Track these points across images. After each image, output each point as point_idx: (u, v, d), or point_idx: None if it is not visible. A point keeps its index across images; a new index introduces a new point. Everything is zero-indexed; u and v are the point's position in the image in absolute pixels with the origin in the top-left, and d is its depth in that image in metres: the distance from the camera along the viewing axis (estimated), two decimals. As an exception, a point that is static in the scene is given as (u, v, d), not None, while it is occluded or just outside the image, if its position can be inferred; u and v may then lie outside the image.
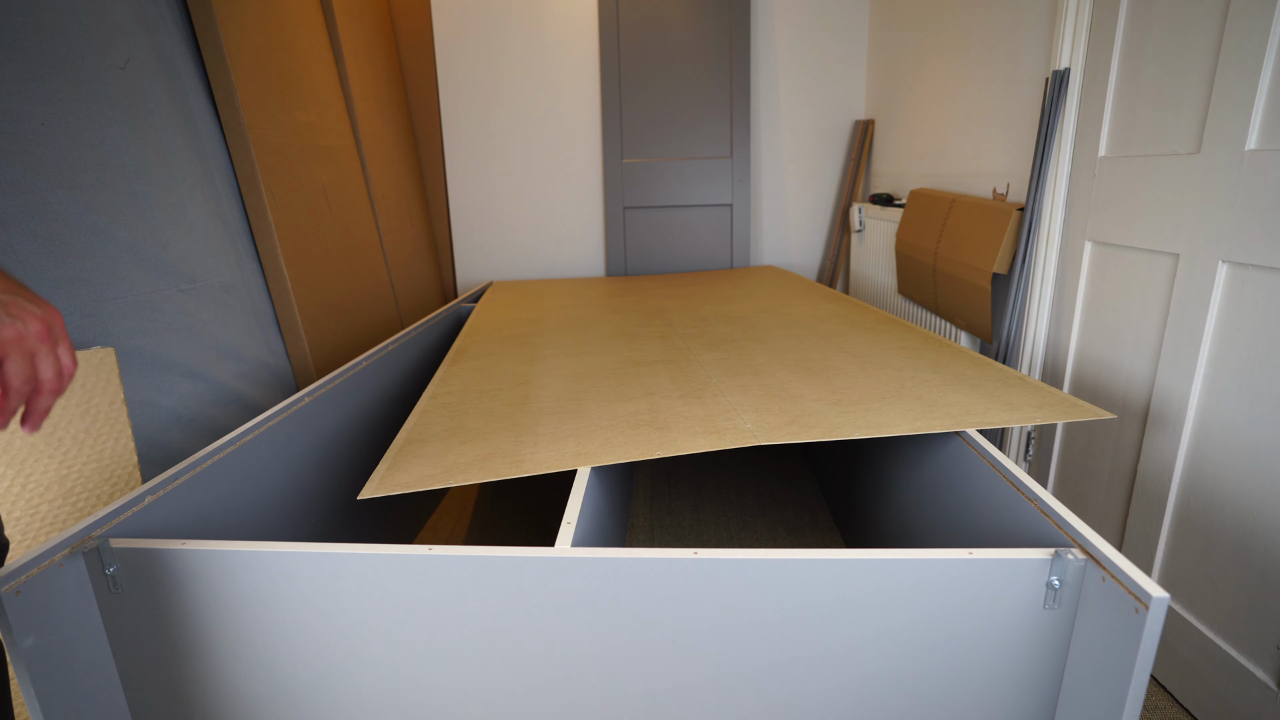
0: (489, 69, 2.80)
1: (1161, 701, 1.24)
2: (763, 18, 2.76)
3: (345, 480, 1.32)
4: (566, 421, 1.11)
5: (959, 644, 0.72)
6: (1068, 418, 0.96)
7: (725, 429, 0.99)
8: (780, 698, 0.75)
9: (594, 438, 1.03)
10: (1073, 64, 1.50)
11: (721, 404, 1.10)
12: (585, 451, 0.97)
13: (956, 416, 0.98)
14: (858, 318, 1.67)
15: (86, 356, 0.82)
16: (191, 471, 0.95)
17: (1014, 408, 1.01)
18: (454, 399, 1.31)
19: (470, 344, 1.72)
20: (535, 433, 1.07)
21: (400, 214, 2.68)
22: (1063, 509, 0.76)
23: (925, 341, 1.40)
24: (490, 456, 1.00)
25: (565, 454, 0.97)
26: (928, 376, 1.17)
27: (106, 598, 0.77)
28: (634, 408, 1.13)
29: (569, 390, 1.27)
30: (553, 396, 1.24)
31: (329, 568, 0.74)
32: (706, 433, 0.98)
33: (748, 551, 0.70)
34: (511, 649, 0.75)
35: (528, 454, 0.99)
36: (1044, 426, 1.65)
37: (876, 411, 1.01)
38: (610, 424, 1.07)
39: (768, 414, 1.04)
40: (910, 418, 0.98)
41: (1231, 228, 1.10)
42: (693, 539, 1.76)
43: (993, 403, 1.03)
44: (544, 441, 1.03)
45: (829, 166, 2.91)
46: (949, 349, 1.33)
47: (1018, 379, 1.14)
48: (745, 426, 0.99)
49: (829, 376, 1.19)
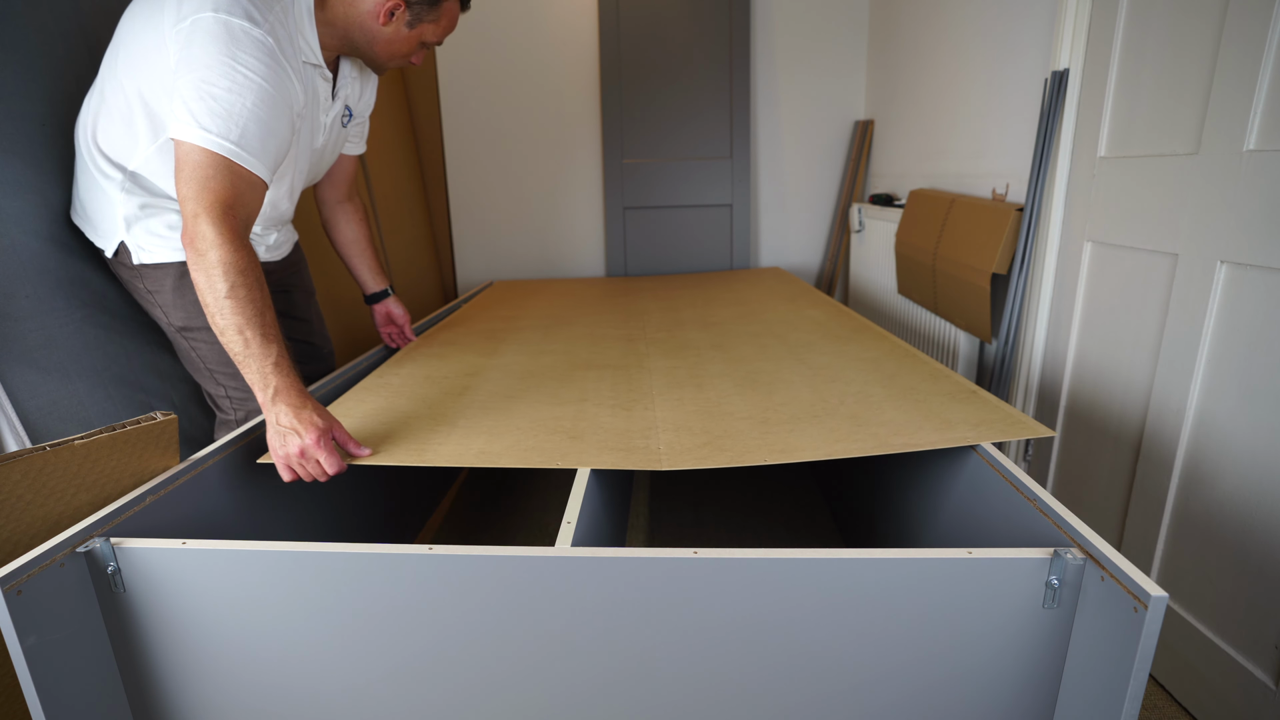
0: (489, 69, 2.80)
1: (1160, 701, 1.24)
2: (763, 18, 2.76)
3: (345, 479, 1.32)
4: (489, 418, 1.11)
5: (958, 643, 0.72)
6: (1004, 436, 0.94)
7: (636, 448, 0.98)
8: (780, 697, 0.75)
9: (505, 438, 1.03)
10: (1072, 64, 1.50)
11: (647, 418, 1.09)
12: (489, 451, 0.98)
13: (882, 439, 0.95)
14: (834, 326, 1.65)
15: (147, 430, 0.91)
16: (191, 472, 0.95)
17: (949, 426, 0.98)
18: (398, 381, 1.33)
19: (440, 334, 1.73)
20: (454, 424, 1.09)
21: (400, 214, 2.69)
22: (1062, 508, 0.76)
23: (891, 352, 1.37)
24: (400, 441, 1.02)
25: (469, 451, 0.98)
26: (874, 391, 1.14)
27: (107, 597, 0.77)
28: (561, 412, 1.13)
29: (509, 388, 1.27)
30: (490, 392, 1.24)
31: (329, 567, 0.74)
32: (615, 449, 0.97)
33: (748, 551, 0.70)
34: (512, 648, 0.75)
35: (436, 445, 1.01)
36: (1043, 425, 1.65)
37: (799, 433, 0.99)
38: (529, 426, 1.07)
39: (686, 434, 1.02)
40: (829, 441, 0.95)
41: (1231, 228, 1.10)
42: (693, 538, 1.76)
43: (929, 421, 1.00)
44: (457, 434, 1.05)
45: (829, 166, 2.91)
46: (912, 360, 1.30)
47: (968, 393, 1.11)
48: (656, 447, 0.98)
49: (772, 391, 1.18)
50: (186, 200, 0.93)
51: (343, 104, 1.26)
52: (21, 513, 0.81)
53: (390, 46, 1.16)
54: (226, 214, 0.93)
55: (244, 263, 0.92)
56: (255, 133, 0.97)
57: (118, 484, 0.89)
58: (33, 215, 1.14)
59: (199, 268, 0.91)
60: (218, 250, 0.90)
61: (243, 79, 0.95)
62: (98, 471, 0.86)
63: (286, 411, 0.91)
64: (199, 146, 0.93)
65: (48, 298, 1.15)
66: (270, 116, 0.99)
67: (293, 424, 0.91)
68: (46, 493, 0.82)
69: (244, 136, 0.95)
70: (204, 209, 0.92)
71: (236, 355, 0.92)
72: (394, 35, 1.14)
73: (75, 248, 1.20)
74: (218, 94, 0.94)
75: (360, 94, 1.32)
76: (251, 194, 0.99)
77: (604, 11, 2.69)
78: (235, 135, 0.95)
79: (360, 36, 1.14)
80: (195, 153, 0.93)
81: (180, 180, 0.94)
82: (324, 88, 1.17)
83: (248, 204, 0.98)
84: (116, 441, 0.87)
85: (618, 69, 2.72)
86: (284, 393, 0.92)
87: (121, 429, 0.88)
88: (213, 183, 0.93)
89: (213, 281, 0.90)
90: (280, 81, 1.00)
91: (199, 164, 0.93)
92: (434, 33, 1.17)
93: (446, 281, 3.07)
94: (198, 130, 0.93)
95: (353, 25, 1.12)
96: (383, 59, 1.19)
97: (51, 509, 0.84)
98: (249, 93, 0.95)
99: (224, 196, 0.93)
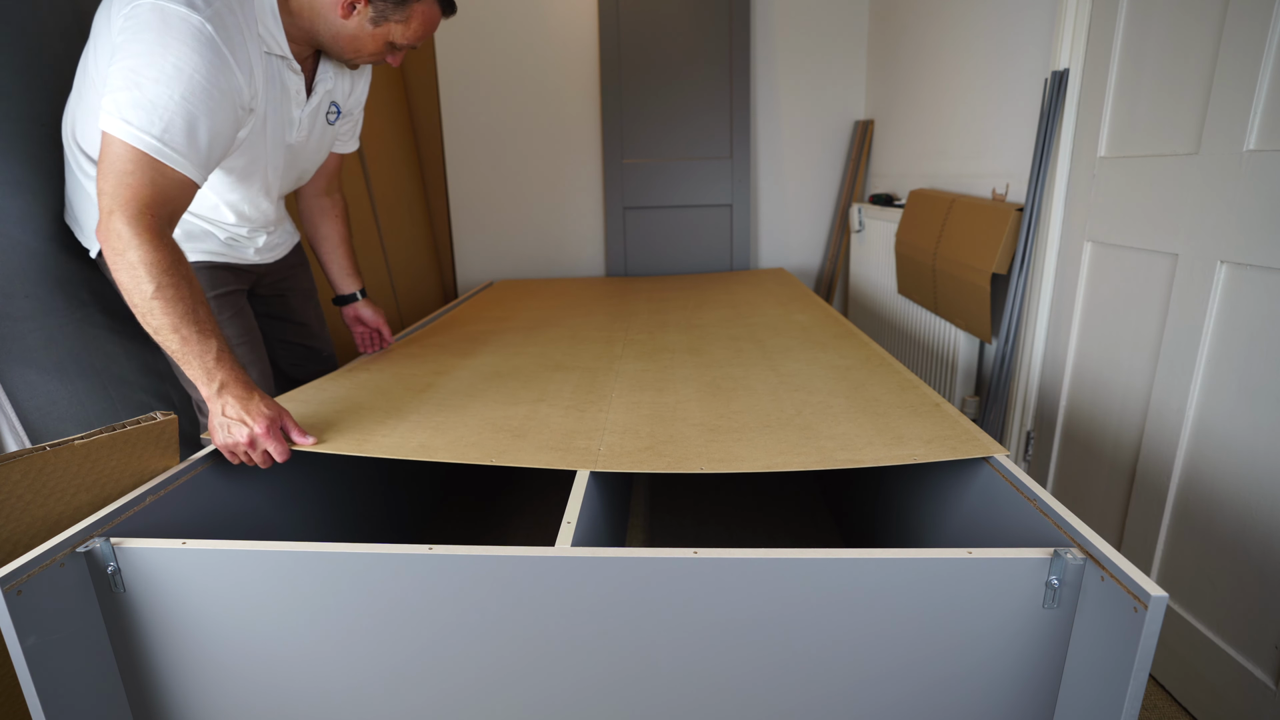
0: (489, 68, 2.80)
1: (1160, 701, 1.24)
2: (762, 18, 2.76)
3: (345, 479, 1.32)
4: (440, 414, 1.12)
5: (958, 643, 0.72)
6: (953, 455, 0.92)
7: (575, 448, 0.98)
8: (780, 697, 0.75)
9: (449, 434, 1.04)
10: (1072, 64, 1.50)
11: (597, 420, 1.09)
12: (430, 446, 0.99)
13: (827, 453, 0.93)
14: (818, 331, 1.63)
15: (148, 429, 0.92)
16: (191, 472, 0.95)
17: (899, 442, 0.96)
18: (366, 375, 1.34)
19: (426, 337, 1.74)
20: (405, 419, 1.10)
21: (400, 214, 2.69)
22: (1062, 508, 0.76)
23: (865, 361, 1.36)
24: (345, 430, 1.04)
25: (410, 444, 1.00)
26: (836, 402, 1.13)
27: (107, 597, 0.77)
28: (514, 412, 1.13)
29: (473, 386, 1.27)
30: (453, 390, 1.25)
31: (329, 567, 0.74)
32: (553, 449, 0.97)
33: (748, 551, 0.70)
34: (511, 648, 0.75)
35: (380, 437, 1.02)
36: (1043, 425, 1.66)
37: (745, 443, 0.98)
38: (477, 424, 1.08)
39: (631, 437, 1.02)
40: (773, 453, 0.94)
41: (1230, 228, 1.10)
42: (693, 538, 1.76)
43: (880, 435, 0.99)
44: (404, 428, 1.06)
45: (829, 167, 2.91)
46: (884, 370, 1.29)
47: (931, 406, 1.09)
48: (595, 449, 0.98)
49: (732, 398, 1.17)
50: (103, 194, 0.89)
51: (325, 99, 1.22)
52: (21, 513, 0.81)
53: (355, 43, 1.11)
54: (144, 212, 0.89)
55: (166, 261, 0.89)
56: (180, 127, 0.91)
57: (118, 484, 0.89)
58: (32, 215, 1.14)
59: (120, 267, 0.88)
60: (136, 250, 0.87)
61: (172, 69, 0.89)
62: (98, 471, 0.86)
63: (234, 404, 0.92)
64: (119, 139, 0.89)
65: (47, 298, 1.15)
66: (202, 111, 0.93)
67: (240, 415, 0.91)
68: (46, 493, 0.82)
69: (167, 131, 0.90)
70: (119, 206, 0.88)
71: (175, 353, 0.91)
72: (358, 31, 1.09)
73: (74, 247, 1.20)
74: (143, 84, 0.89)
75: (350, 90, 1.28)
76: (176, 191, 0.94)
77: (604, 11, 2.69)
78: (158, 130, 0.90)
79: (324, 29, 1.09)
80: (116, 144, 0.89)
81: (100, 173, 0.90)
82: (294, 80, 1.13)
83: (170, 201, 0.93)
84: (116, 441, 0.87)
85: (618, 69, 2.72)
86: (230, 385, 0.92)
87: (121, 429, 0.88)
88: (130, 178, 0.89)
89: (138, 282, 0.88)
90: (218, 73, 0.94)
91: (118, 157, 0.89)
92: (403, 34, 1.12)
93: (446, 281, 3.07)
94: (119, 122, 0.88)
95: (316, 17, 1.08)
96: (348, 54, 1.14)
97: (51, 509, 0.84)
98: (177, 84, 0.90)
99: (142, 194, 0.89)
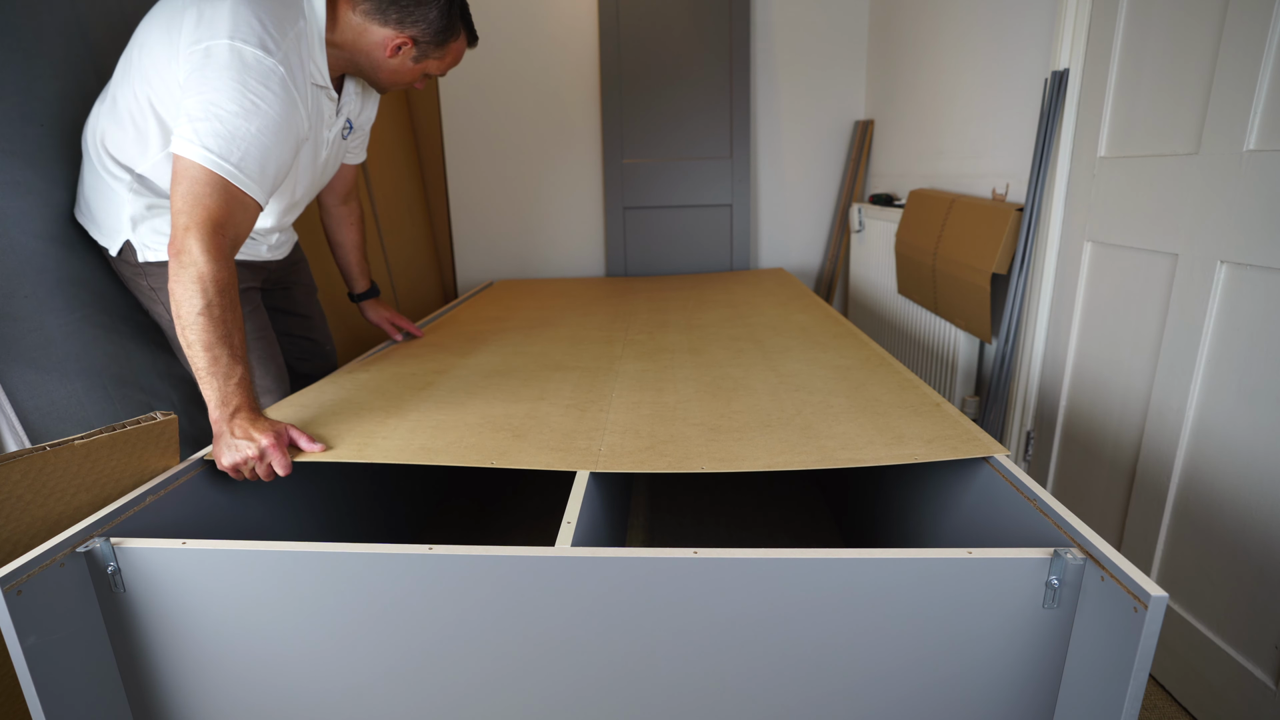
0: (490, 68, 2.80)
1: (1160, 701, 1.24)
2: (762, 17, 2.76)
3: (345, 479, 1.32)
4: (440, 413, 1.12)
5: (958, 643, 0.72)
6: (954, 455, 0.92)
7: (576, 448, 0.98)
8: (779, 697, 0.75)
9: (448, 434, 1.03)
10: (1072, 64, 1.50)
11: (598, 420, 1.08)
12: (431, 448, 0.98)
13: (828, 452, 0.93)
14: (818, 331, 1.62)
15: (147, 429, 0.93)
16: (191, 472, 0.95)
17: (900, 441, 0.96)
18: (366, 376, 1.34)
19: (425, 333, 1.74)
20: (405, 419, 1.10)
21: (400, 214, 2.68)
22: (1062, 508, 0.76)
23: (865, 361, 1.35)
24: (347, 436, 1.03)
25: (411, 447, 0.99)
26: (836, 402, 1.12)
27: (107, 597, 0.77)
28: (513, 410, 1.13)
29: (472, 386, 1.27)
30: (451, 389, 1.25)
31: (329, 567, 0.74)
32: (554, 449, 0.97)
33: (748, 551, 0.70)
34: (511, 648, 0.75)
35: (381, 439, 1.02)
36: (1043, 425, 1.66)
37: (745, 443, 0.98)
38: (477, 423, 1.07)
39: (632, 436, 1.02)
40: (774, 453, 0.94)
41: (1230, 228, 1.10)
42: (693, 538, 1.76)
43: (881, 435, 0.99)
44: (404, 429, 1.05)
45: (829, 167, 2.91)
46: (884, 370, 1.28)
47: (932, 406, 1.09)
48: (596, 449, 0.97)
49: (732, 398, 1.16)
50: (179, 213, 0.94)
51: (345, 119, 1.29)
52: (21, 513, 0.81)
53: (395, 76, 1.20)
54: (216, 232, 0.94)
55: (225, 280, 0.94)
56: (256, 157, 0.99)
57: (118, 484, 0.89)
58: (32, 215, 1.14)
59: (179, 280, 0.92)
60: (200, 266, 0.92)
61: (250, 105, 0.97)
62: (98, 471, 0.86)
63: (243, 425, 0.93)
64: (198, 164, 0.95)
65: (47, 297, 1.15)
66: (274, 143, 1.01)
67: (248, 434, 0.92)
68: (46, 493, 0.82)
69: (244, 160, 0.97)
70: (195, 224, 0.93)
71: (200, 370, 0.93)
72: (399, 67, 1.18)
73: (75, 247, 1.20)
74: (224, 116, 0.96)
75: (361, 109, 1.35)
76: (244, 215, 1.00)
77: (604, 11, 2.69)
78: (236, 158, 0.97)
79: (365, 63, 1.17)
80: (194, 169, 0.95)
81: (175, 193, 0.95)
82: (329, 106, 1.20)
83: (239, 224, 0.99)
84: (116, 441, 0.87)
85: (618, 68, 2.72)
86: (244, 410, 0.94)
87: (121, 429, 0.88)
88: (207, 199, 0.95)
89: (191, 296, 0.91)
90: (288, 110, 1.03)
91: (196, 179, 0.95)
92: (438, 67, 1.22)
93: (446, 281, 3.07)
94: (199, 149, 0.95)
95: (360, 53, 1.15)
96: (385, 85, 1.23)
97: (51, 509, 0.84)
98: (255, 118, 0.98)
99: (216, 215, 0.95)
